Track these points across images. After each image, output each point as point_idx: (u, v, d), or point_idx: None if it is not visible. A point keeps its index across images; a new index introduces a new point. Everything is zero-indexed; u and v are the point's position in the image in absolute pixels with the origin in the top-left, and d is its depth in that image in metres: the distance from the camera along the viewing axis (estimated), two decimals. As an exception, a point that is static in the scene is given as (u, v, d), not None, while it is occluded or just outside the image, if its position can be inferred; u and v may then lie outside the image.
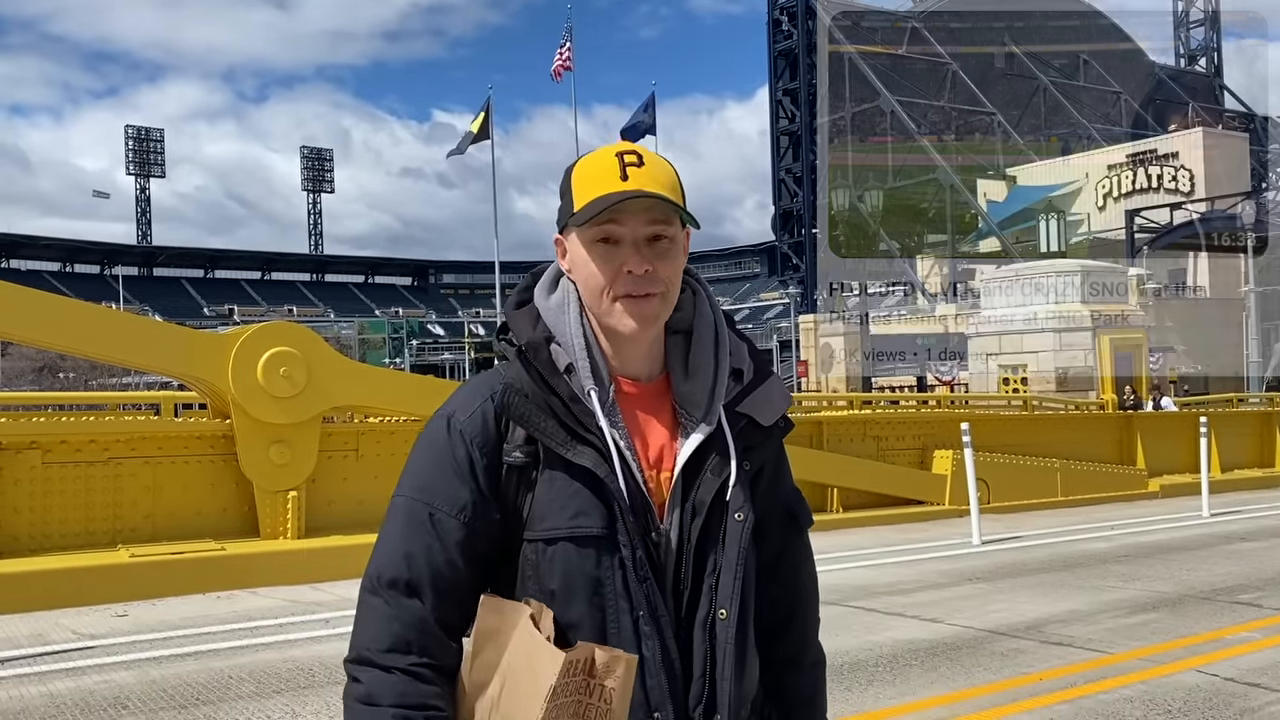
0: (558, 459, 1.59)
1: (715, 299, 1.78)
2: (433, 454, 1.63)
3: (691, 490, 1.64)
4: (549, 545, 1.58)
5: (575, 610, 1.57)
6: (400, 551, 1.59)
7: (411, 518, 1.61)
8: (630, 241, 1.61)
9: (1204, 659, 6.53)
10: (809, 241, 65.23)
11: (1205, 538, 12.25)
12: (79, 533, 9.56)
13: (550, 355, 1.63)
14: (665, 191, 1.60)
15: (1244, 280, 42.99)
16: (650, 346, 1.69)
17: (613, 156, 1.62)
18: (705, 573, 1.63)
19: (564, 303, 1.68)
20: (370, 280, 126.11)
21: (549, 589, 1.58)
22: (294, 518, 9.96)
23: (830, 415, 15.86)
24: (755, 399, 1.71)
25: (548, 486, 1.60)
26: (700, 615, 1.62)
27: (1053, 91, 70.90)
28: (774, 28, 67.53)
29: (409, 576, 1.57)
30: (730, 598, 1.62)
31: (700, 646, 1.62)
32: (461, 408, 1.65)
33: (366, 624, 1.59)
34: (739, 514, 1.64)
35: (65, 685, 6.22)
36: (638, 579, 1.57)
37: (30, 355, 51.37)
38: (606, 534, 1.57)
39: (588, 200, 1.59)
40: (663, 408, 1.69)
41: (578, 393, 1.61)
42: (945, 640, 7.09)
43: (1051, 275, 27.70)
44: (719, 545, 1.63)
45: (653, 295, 1.61)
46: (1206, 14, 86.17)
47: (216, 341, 10.41)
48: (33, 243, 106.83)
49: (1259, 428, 20.74)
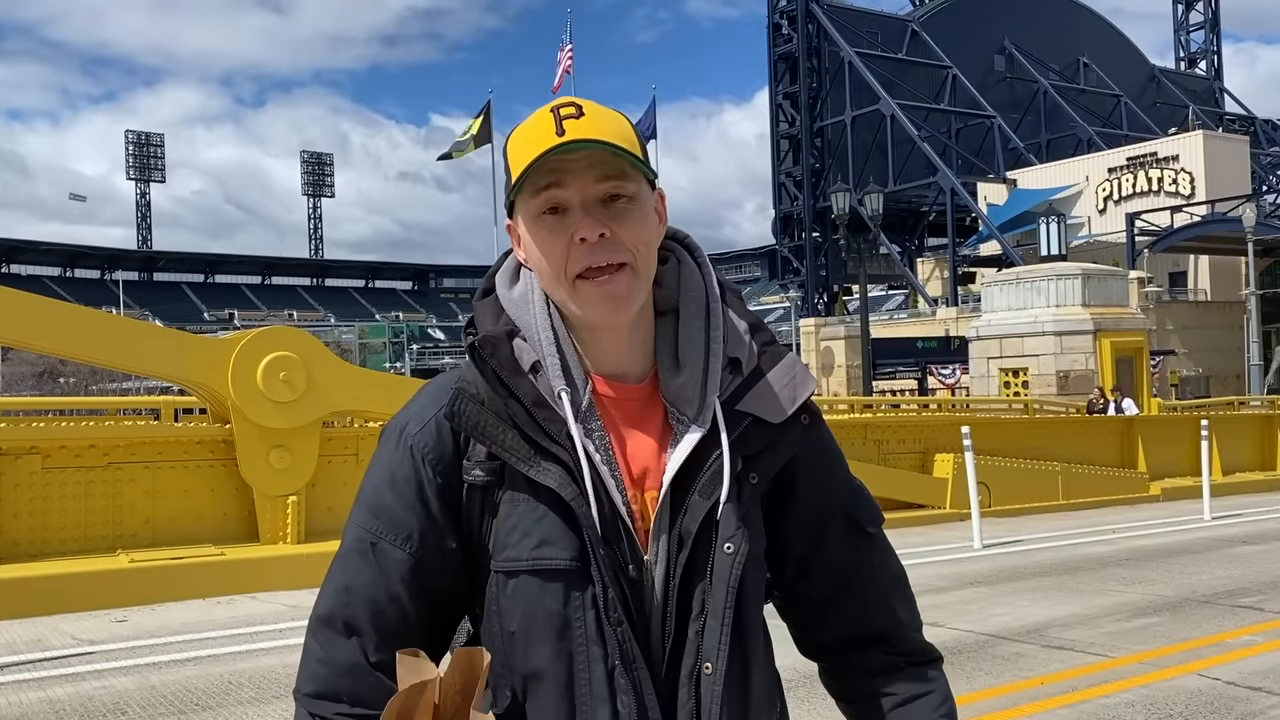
0: (521, 477, 1.35)
1: (707, 263, 1.48)
2: (381, 473, 1.42)
3: (679, 515, 1.36)
4: (509, 579, 1.35)
5: (537, 656, 1.34)
6: (339, 585, 1.40)
7: (353, 548, 1.40)
8: (579, 205, 1.33)
9: (1205, 663, 6.52)
10: (809, 245, 65.25)
11: (1206, 541, 12.23)
12: (78, 538, 9.55)
13: (512, 351, 1.37)
14: (613, 140, 1.32)
15: (1245, 283, 42.96)
16: (632, 336, 1.41)
17: (548, 113, 1.34)
18: (691, 615, 1.35)
19: (528, 291, 1.43)
20: (371, 284, 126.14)
21: (509, 630, 1.35)
22: (294, 523, 9.95)
23: (831, 419, 15.82)
24: (760, 391, 1.40)
25: (510, 509, 1.36)
26: (685, 668, 1.35)
27: (1053, 95, 70.97)
28: (774, 31, 67.57)
29: (346, 615, 1.37)
30: (716, 649, 1.34)
31: (686, 703, 1.34)
32: (415, 417, 1.42)
33: (302, 663, 1.41)
34: (729, 545, 1.35)
35: (64, 691, 6.21)
36: (612, 623, 1.32)
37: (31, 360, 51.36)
38: (577, 567, 1.32)
39: (522, 168, 1.33)
40: (653, 413, 1.41)
41: (545, 395, 1.35)
42: (946, 644, 7.08)
43: (1052, 278, 27.68)
44: (707, 583, 1.35)
45: (618, 266, 1.33)
46: (1206, 18, 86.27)
47: (216, 346, 10.41)
48: (33, 247, 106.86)
49: (1260, 431, 20.71)
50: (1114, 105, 74.24)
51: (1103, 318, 26.75)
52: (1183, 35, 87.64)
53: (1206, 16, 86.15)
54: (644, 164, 1.35)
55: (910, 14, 72.44)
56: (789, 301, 67.98)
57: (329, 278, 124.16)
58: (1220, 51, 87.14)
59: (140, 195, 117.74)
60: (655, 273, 1.41)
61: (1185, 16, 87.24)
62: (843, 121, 65.35)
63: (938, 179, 60.05)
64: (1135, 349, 26.10)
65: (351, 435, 10.94)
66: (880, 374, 38.58)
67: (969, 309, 48.93)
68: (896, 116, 61.35)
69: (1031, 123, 70.50)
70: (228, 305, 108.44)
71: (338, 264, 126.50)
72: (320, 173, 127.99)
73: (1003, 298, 28.92)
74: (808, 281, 64.93)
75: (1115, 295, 28.26)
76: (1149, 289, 46.63)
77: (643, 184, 1.37)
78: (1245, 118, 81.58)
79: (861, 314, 32.65)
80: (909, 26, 69.80)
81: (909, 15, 72.11)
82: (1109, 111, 73.50)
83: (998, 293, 29.28)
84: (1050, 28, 74.13)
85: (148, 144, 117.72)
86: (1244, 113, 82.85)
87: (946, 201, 59.62)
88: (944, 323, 49.98)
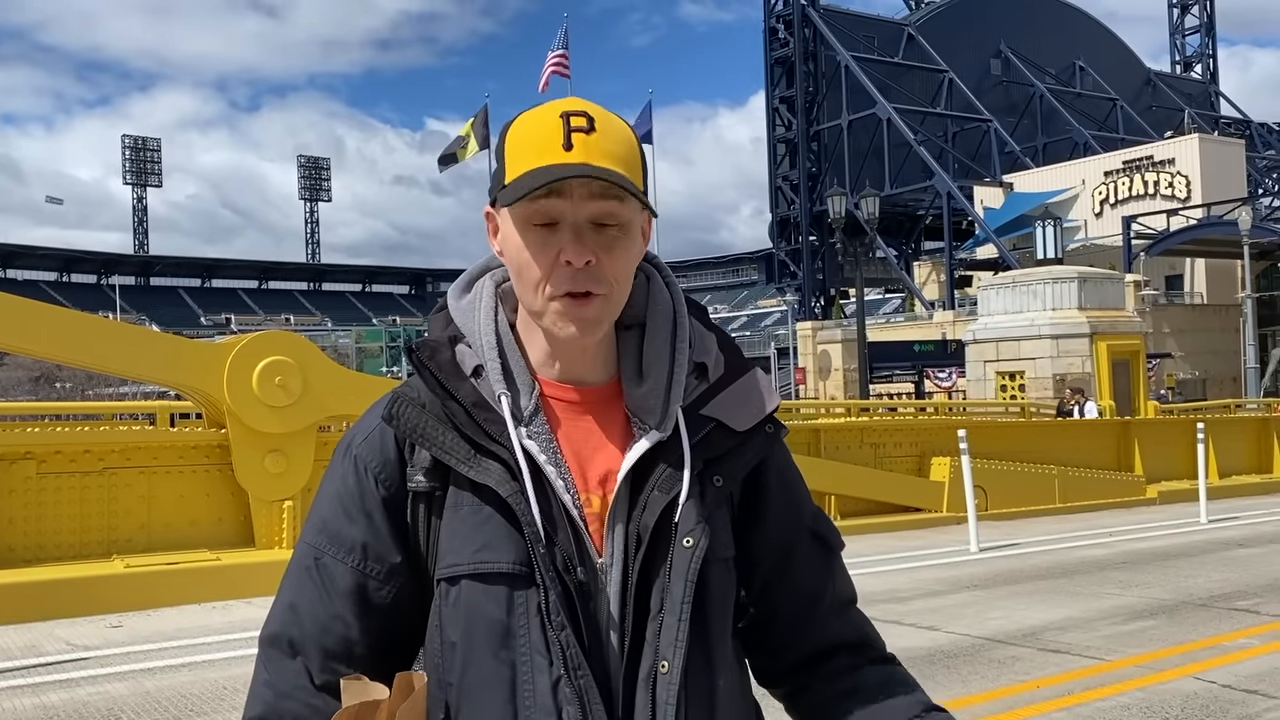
0: (463, 480, 1.32)
1: (675, 283, 1.48)
2: (329, 487, 1.41)
3: (635, 511, 1.33)
4: (451, 585, 1.31)
5: (479, 668, 1.29)
6: (285, 603, 1.38)
7: (299, 564, 1.39)
8: (570, 224, 1.30)
9: (1201, 666, 6.52)
10: (806, 248, 65.31)
11: (1203, 544, 12.24)
12: (74, 543, 9.52)
13: (454, 355, 1.37)
14: (618, 166, 1.30)
15: (1241, 286, 43.03)
16: (596, 346, 1.39)
17: (557, 118, 1.30)
18: (650, 615, 1.31)
19: (475, 299, 1.43)
20: (368, 289, 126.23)
21: (450, 641, 1.31)
22: (289, 527, 9.93)
23: (828, 422, 15.85)
24: (726, 399, 1.40)
25: (453, 514, 1.33)
26: (644, 669, 1.30)
27: (1049, 98, 71.09)
28: (770, 35, 67.65)
29: (290, 634, 1.35)
30: (673, 646, 1.29)
31: (644, 710, 1.29)
32: (361, 430, 1.41)
33: (250, 686, 1.38)
34: (688, 539, 1.31)
35: (59, 697, 6.20)
36: (555, 627, 1.27)
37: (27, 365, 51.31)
38: (521, 571, 1.29)
39: (521, 172, 1.30)
40: (612, 418, 1.39)
41: (486, 398, 1.34)
42: (942, 648, 7.08)
43: (1049, 281, 27.70)
44: (665, 579, 1.31)
45: (595, 296, 1.31)
46: (1202, 21, 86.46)
47: (211, 351, 10.39)
48: (29, 252, 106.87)
49: (1256, 434, 20.73)
50: (1110, 109, 74.38)
51: (1099, 321, 26.76)
52: (1178, 39, 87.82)
53: (1202, 20, 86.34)
54: (642, 195, 1.33)
55: (906, 18, 72.56)
56: (786, 305, 68.03)
57: (326, 282, 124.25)
58: (1216, 55, 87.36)
59: (137, 200, 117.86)
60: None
61: (1181, 20, 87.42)
62: (839, 125, 65.44)
63: (934, 183, 60.15)
64: (1132, 352, 26.09)
65: (347, 440, 10.92)
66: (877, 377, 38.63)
67: (965, 312, 49.00)
68: (893, 120, 61.41)
69: (1028, 126, 70.61)
70: (224, 310, 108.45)
71: (334, 268, 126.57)
72: (317, 177, 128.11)
73: (999, 301, 28.94)
74: (804, 285, 64.98)
75: (1111, 298, 28.29)
76: (1145, 292, 46.72)
77: (636, 208, 1.34)
78: (1241, 121, 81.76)
79: (858, 317, 32.68)
80: (905, 30, 69.91)
81: (905, 19, 72.24)
82: (1105, 115, 73.63)
83: (994, 296, 29.30)
84: (1046, 32, 74.28)
85: (144, 148, 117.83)
86: (1240, 116, 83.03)
87: (943, 205, 59.73)
88: (940, 326, 50.04)
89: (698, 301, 1.49)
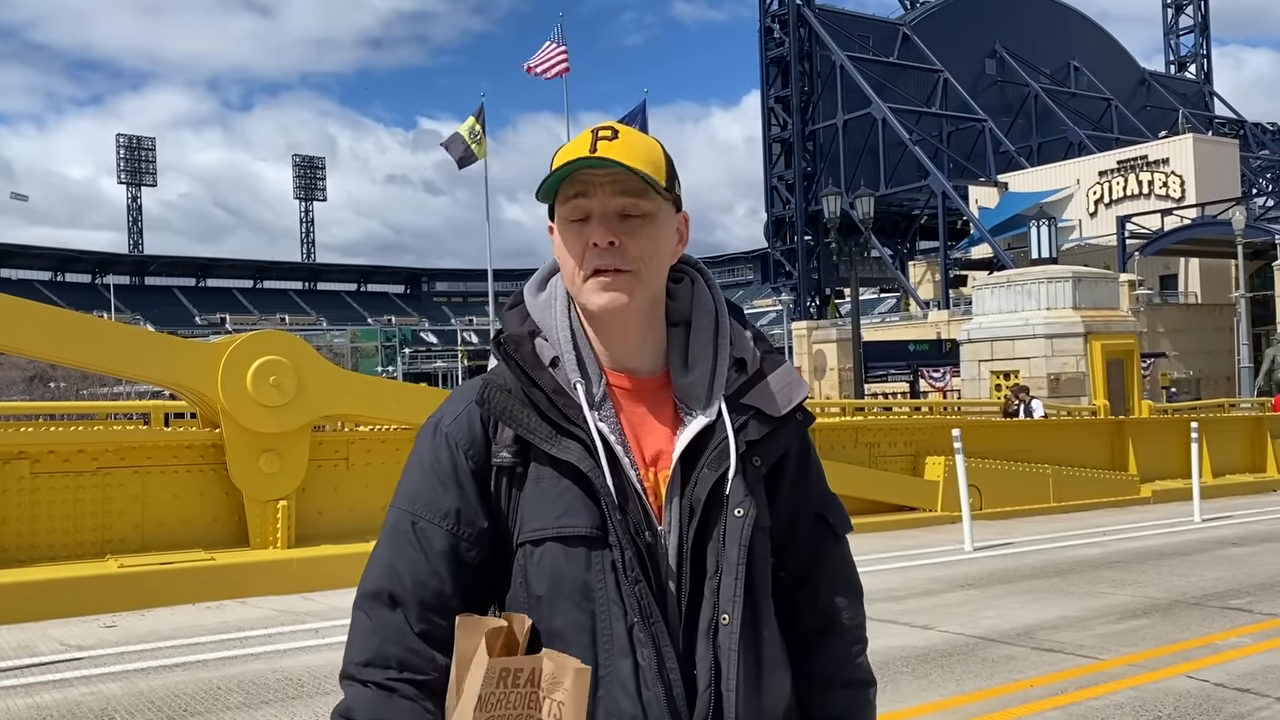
0: (544, 456, 1.51)
1: (717, 286, 1.69)
2: (419, 461, 1.59)
3: (688, 486, 1.54)
4: (536, 547, 1.50)
5: (563, 617, 1.48)
6: (384, 563, 1.55)
7: (396, 528, 1.56)
8: (598, 215, 1.53)
9: (1195, 664, 6.53)
10: (801, 248, 65.34)
11: (1197, 543, 12.27)
12: (67, 543, 9.51)
13: (534, 348, 1.57)
14: (641, 166, 1.52)
15: (1235, 286, 43.12)
16: (645, 337, 1.60)
17: (589, 133, 1.55)
18: (706, 575, 1.51)
19: (551, 298, 1.62)
20: (363, 289, 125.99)
21: (536, 594, 1.50)
22: (284, 527, 9.93)
23: (822, 422, 15.85)
24: (762, 389, 1.61)
25: (535, 485, 1.52)
26: (703, 622, 1.50)
27: (1044, 98, 71.17)
28: (766, 35, 67.64)
29: (391, 589, 1.52)
30: (732, 601, 1.50)
31: (705, 656, 1.49)
32: (449, 412, 1.61)
33: (351, 638, 1.55)
34: (739, 509, 1.52)
35: (52, 697, 6.19)
36: (630, 581, 1.47)
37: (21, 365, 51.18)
38: (596, 534, 1.48)
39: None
40: (663, 404, 1.60)
41: (564, 385, 1.54)
42: (936, 647, 7.08)
43: (1043, 281, 27.73)
44: (720, 544, 1.52)
45: (621, 272, 1.53)
46: (1196, 21, 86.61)
47: (206, 350, 10.38)
48: (24, 251, 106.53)
49: (1250, 433, 20.78)
50: (1104, 109, 74.46)
51: (1093, 320, 26.79)
52: (1173, 39, 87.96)
53: (1196, 20, 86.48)
54: (661, 188, 1.54)
55: (901, 18, 72.60)
56: (781, 305, 68.04)
57: (321, 282, 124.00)
58: (1210, 55, 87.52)
59: (131, 199, 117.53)
60: (664, 284, 1.61)
61: (1175, 20, 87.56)
62: (834, 125, 65.44)
63: (929, 182, 60.17)
64: (1126, 352, 26.13)
65: (342, 440, 10.92)
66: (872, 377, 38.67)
67: (960, 312, 49.04)
68: (888, 120, 61.43)
69: (1022, 126, 70.68)
70: (219, 310, 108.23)
71: (330, 268, 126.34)
72: (312, 176, 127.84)
73: (994, 301, 28.97)
74: (800, 285, 65.00)
75: (1106, 298, 28.32)
76: (1140, 292, 46.79)
77: (661, 204, 1.57)
78: (1235, 121, 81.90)
79: (853, 317, 32.68)
80: (900, 30, 69.94)
81: (900, 19, 72.27)
82: (1099, 115, 73.72)
83: (989, 296, 29.33)
84: (1041, 31, 74.36)
85: (139, 147, 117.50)
86: (1234, 116, 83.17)
87: (938, 205, 59.75)
88: (935, 326, 50.08)
89: (734, 303, 1.71)
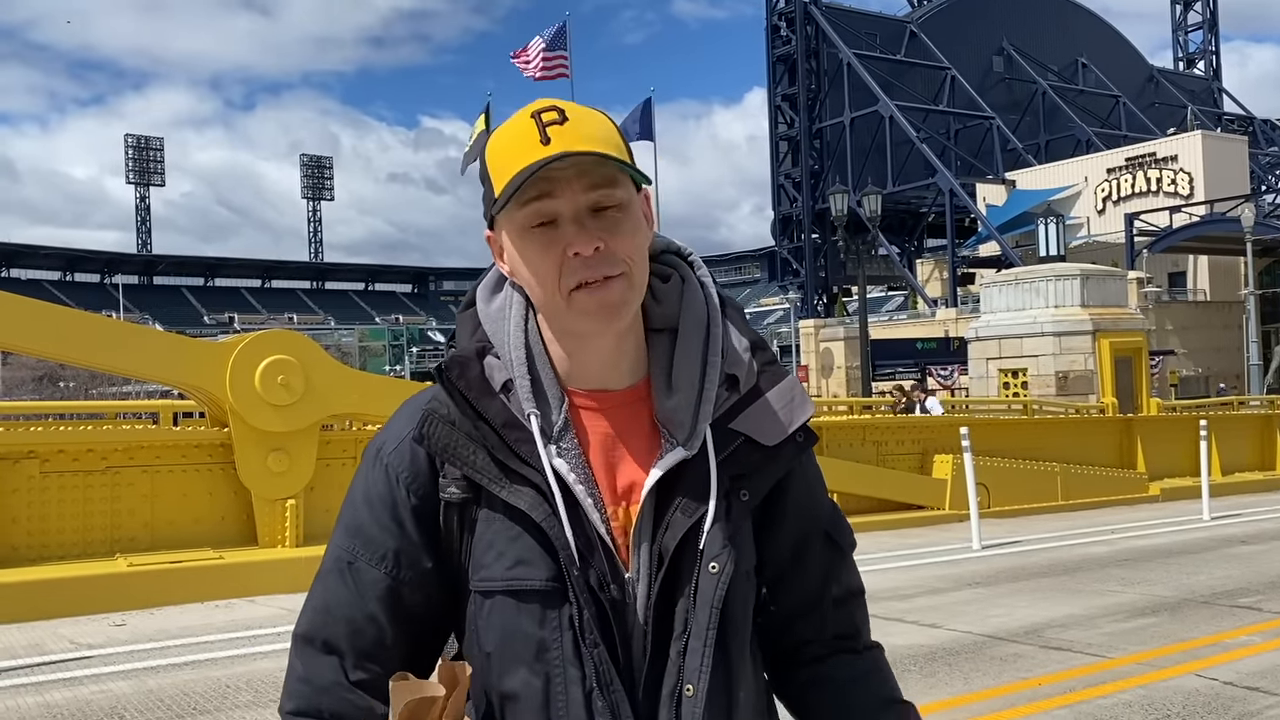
0: (496, 497, 1.32)
1: (710, 284, 1.43)
2: (360, 492, 1.41)
3: (659, 530, 1.32)
4: (486, 599, 1.32)
5: (514, 678, 1.31)
6: (319, 604, 1.39)
7: (334, 565, 1.40)
8: (570, 217, 1.28)
9: (1203, 663, 6.52)
10: (809, 246, 65.27)
11: (1205, 541, 12.23)
12: (77, 542, 9.55)
13: (483, 370, 1.34)
14: (605, 148, 1.28)
15: (1244, 283, 42.98)
16: (622, 346, 1.36)
17: (528, 119, 1.29)
18: (673, 635, 1.31)
19: (505, 306, 1.38)
20: (370, 288, 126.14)
21: (485, 651, 1.33)
22: (292, 526, 9.95)
23: (830, 420, 15.84)
24: (757, 411, 1.37)
25: (487, 526, 1.33)
26: (666, 688, 1.31)
27: (1051, 95, 71.00)
28: (772, 33, 67.59)
29: (325, 634, 1.37)
30: (698, 672, 1.30)
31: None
32: (391, 435, 1.40)
33: (286, 681, 1.40)
34: (714, 564, 1.30)
35: (62, 695, 6.21)
36: (587, 644, 1.28)
37: (30, 364, 51.37)
38: (554, 588, 1.29)
39: (506, 180, 1.27)
40: (639, 421, 1.37)
41: (517, 415, 1.32)
42: (944, 645, 7.08)
43: (1051, 279, 27.65)
44: (690, 603, 1.31)
45: (613, 278, 1.29)
46: (1204, 18, 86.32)
47: (214, 350, 10.41)
48: (33, 252, 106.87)
49: (1259, 431, 20.72)
50: (1112, 106, 74.26)
51: (1102, 318, 26.70)
52: (1181, 35, 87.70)
53: (1205, 16, 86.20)
54: (633, 169, 1.30)
55: (909, 15, 72.47)
56: (788, 303, 67.97)
57: (329, 281, 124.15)
58: (1219, 51, 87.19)
59: (140, 199, 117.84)
60: (648, 282, 1.37)
61: (1183, 17, 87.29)
62: (841, 123, 65.37)
63: (936, 180, 60.06)
64: (1134, 349, 26.02)
65: (350, 438, 10.95)
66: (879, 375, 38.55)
67: (968, 310, 48.92)
68: (895, 118, 61.35)
69: (1030, 123, 70.52)
70: (228, 309, 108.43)
71: (337, 267, 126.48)
72: (319, 176, 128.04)
73: (1001, 299, 28.87)
74: (807, 283, 64.94)
75: (1114, 296, 28.21)
76: (1148, 289, 46.65)
77: (630, 189, 1.32)
78: (1244, 118, 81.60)
79: (860, 315, 32.64)
80: (907, 28, 69.82)
81: (907, 17, 72.14)
82: (1107, 112, 73.53)
83: (996, 294, 29.23)
84: (1048, 28, 74.17)
85: (147, 148, 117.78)
86: (1242, 113, 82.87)
87: (945, 202, 59.63)
88: (943, 324, 49.97)
89: (734, 300, 1.46)
